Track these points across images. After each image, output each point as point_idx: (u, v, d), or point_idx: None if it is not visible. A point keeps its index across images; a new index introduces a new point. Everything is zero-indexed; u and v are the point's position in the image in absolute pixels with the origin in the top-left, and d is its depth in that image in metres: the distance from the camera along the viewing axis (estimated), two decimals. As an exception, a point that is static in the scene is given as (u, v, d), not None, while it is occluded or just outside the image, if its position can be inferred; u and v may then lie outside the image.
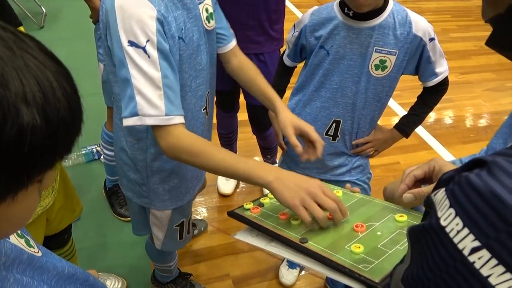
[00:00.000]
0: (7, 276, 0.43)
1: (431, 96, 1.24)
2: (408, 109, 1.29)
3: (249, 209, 0.83)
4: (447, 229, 0.34)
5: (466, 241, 0.33)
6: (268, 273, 1.71)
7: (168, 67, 0.84)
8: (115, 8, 0.81)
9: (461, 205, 0.34)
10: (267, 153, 2.03)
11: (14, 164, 0.34)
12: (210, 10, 1.01)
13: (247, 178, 0.81)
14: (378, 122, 1.28)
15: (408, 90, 1.23)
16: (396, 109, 2.87)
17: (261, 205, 0.85)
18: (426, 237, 0.36)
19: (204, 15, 0.98)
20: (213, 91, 1.14)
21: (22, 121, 0.33)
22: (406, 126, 1.27)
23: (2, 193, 0.36)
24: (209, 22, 1.00)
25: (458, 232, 0.33)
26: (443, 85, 1.21)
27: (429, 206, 0.38)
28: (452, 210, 0.34)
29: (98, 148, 2.18)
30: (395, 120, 2.74)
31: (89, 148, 2.19)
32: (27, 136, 0.33)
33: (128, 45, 0.81)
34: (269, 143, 1.95)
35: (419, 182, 0.75)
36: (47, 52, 0.38)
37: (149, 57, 0.81)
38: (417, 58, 1.14)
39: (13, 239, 0.49)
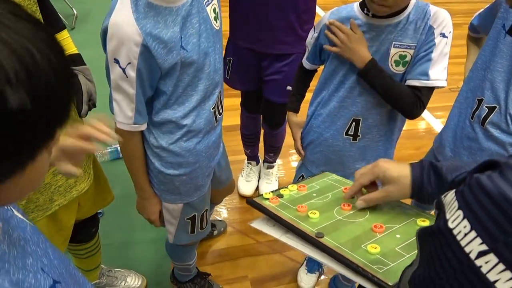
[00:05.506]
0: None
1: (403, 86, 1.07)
2: (436, 113, 1.23)
3: (268, 198, 0.82)
4: (455, 232, 0.33)
5: (473, 244, 0.32)
6: (286, 276, 1.69)
7: (141, 84, 0.95)
8: (109, 24, 0.90)
9: (470, 207, 0.33)
10: (271, 150, 2.00)
11: (11, 146, 0.32)
12: (217, 9, 1.06)
13: (136, 186, 1.14)
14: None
15: (434, 92, 1.18)
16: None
17: (281, 196, 0.84)
18: (434, 239, 0.36)
19: (212, 15, 1.02)
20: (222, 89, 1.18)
21: (10, 105, 0.30)
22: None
23: (7, 172, 0.34)
24: (216, 22, 1.05)
25: (466, 234, 0.32)
26: (422, 98, 1.06)
27: (439, 208, 0.37)
28: (460, 212, 0.33)
29: (122, 147, 2.23)
30: (421, 124, 2.67)
31: (114, 146, 2.24)
32: (17, 119, 0.31)
33: (113, 61, 0.92)
34: (276, 141, 1.93)
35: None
36: (20, 15, 0.33)
37: (127, 77, 0.93)
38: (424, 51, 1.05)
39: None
